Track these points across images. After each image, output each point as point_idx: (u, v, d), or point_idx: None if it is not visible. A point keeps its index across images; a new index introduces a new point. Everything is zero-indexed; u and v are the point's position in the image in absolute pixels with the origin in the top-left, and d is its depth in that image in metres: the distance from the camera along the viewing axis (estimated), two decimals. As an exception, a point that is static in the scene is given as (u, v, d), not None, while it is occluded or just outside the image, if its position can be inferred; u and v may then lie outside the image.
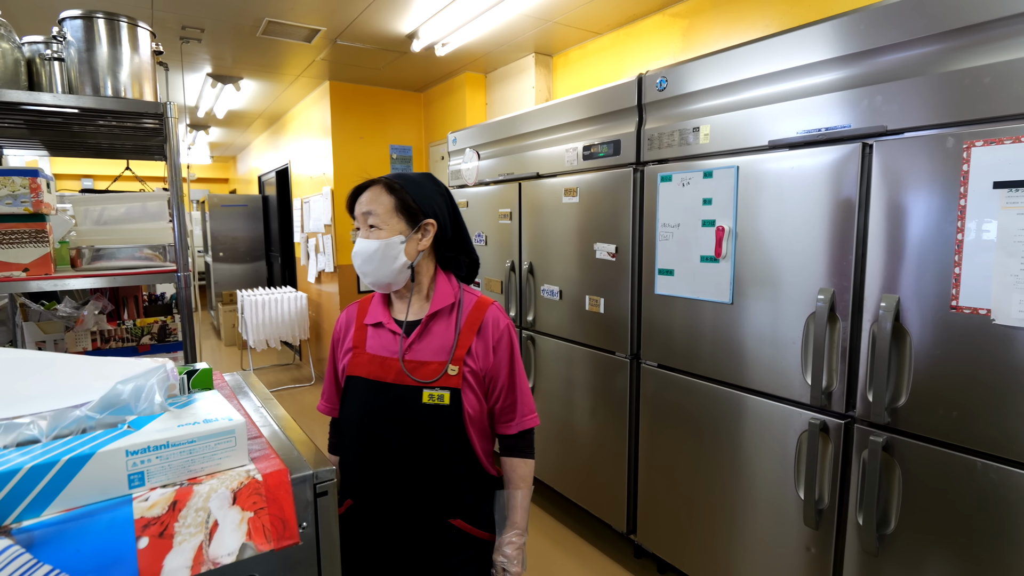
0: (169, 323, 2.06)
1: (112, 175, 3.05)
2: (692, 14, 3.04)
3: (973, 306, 1.34)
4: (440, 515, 1.22)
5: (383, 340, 1.25)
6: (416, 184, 1.25)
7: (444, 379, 1.19)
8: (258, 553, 0.62)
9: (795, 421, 1.74)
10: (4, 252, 1.45)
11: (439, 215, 1.26)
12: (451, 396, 1.18)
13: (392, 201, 1.22)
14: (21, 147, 2.25)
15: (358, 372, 1.24)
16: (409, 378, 1.19)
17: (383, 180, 1.24)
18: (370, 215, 1.22)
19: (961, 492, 1.39)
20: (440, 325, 1.24)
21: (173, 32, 3.58)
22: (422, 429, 1.19)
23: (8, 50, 1.48)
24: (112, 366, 0.81)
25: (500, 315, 1.28)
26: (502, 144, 3.09)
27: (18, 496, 0.53)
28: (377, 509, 1.23)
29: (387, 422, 1.20)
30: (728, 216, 1.88)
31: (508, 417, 1.29)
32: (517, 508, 1.27)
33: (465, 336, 1.22)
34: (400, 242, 1.21)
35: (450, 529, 1.22)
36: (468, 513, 1.24)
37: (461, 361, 1.20)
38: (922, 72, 1.43)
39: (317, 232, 5.22)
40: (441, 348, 1.22)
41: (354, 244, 1.27)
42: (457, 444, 1.21)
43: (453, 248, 1.33)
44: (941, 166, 1.37)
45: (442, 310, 1.25)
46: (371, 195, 1.23)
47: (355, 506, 1.26)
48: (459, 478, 1.23)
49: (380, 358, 1.23)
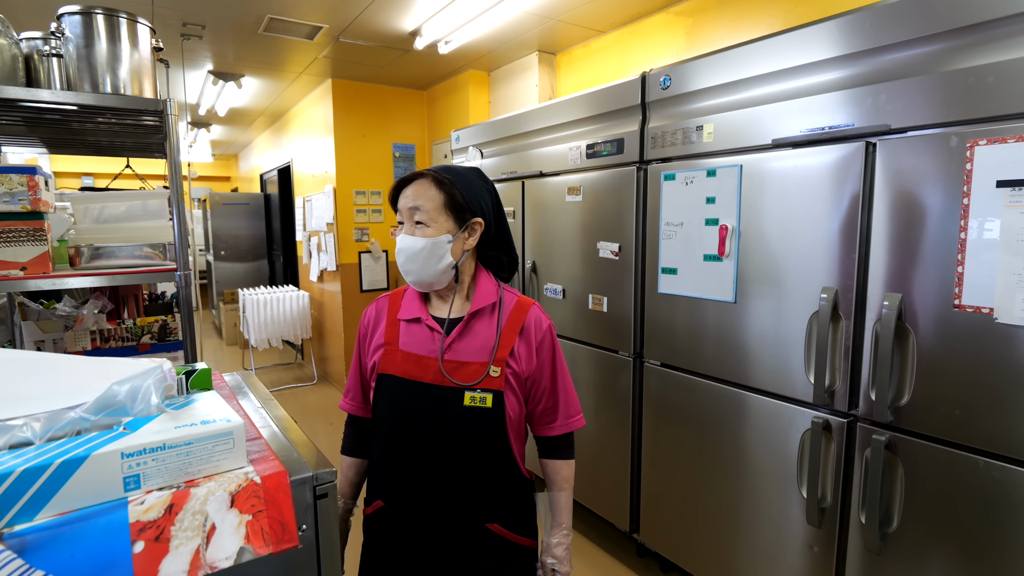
0: (170, 322, 2.06)
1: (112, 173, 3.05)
2: (696, 12, 3.02)
3: (976, 305, 1.33)
4: (477, 519, 1.18)
5: (419, 337, 1.20)
6: (465, 179, 1.20)
7: (487, 381, 1.15)
8: (256, 557, 0.61)
9: (798, 420, 1.73)
10: (1, 250, 1.44)
11: (485, 213, 1.21)
12: (494, 399, 1.14)
13: (441, 197, 1.16)
14: (20, 144, 2.24)
15: (391, 370, 1.19)
16: (448, 379, 1.14)
17: (431, 173, 1.18)
18: (417, 211, 1.16)
19: (964, 491, 1.39)
20: (481, 324, 1.20)
21: (174, 29, 3.57)
22: (462, 431, 1.15)
23: (6, 46, 1.47)
24: (110, 366, 0.80)
25: (542, 315, 1.25)
26: (505, 142, 3.08)
27: (10, 500, 0.52)
28: (410, 511, 1.19)
29: (423, 423, 1.16)
30: (731, 215, 1.87)
31: (550, 419, 1.25)
32: (563, 509, 1.25)
33: (507, 336, 1.18)
34: (447, 241, 1.16)
35: (487, 533, 1.19)
36: (505, 517, 1.21)
37: (503, 362, 1.16)
38: (926, 71, 1.42)
39: (319, 231, 5.21)
40: (482, 348, 1.17)
41: (396, 239, 1.21)
42: (497, 447, 1.17)
43: (495, 247, 1.28)
44: (944, 165, 1.36)
45: (483, 309, 1.21)
46: (419, 189, 1.17)
47: (386, 508, 1.22)
48: (497, 481, 1.19)
49: (416, 356, 1.18)
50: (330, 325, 5.29)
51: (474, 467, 1.16)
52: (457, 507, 1.17)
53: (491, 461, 1.18)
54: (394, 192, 1.21)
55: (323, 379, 5.48)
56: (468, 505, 1.17)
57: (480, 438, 1.16)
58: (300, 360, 6.26)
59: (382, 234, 5.05)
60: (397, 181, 1.21)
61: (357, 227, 4.90)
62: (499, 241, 1.28)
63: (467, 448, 1.16)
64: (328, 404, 4.76)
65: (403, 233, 1.18)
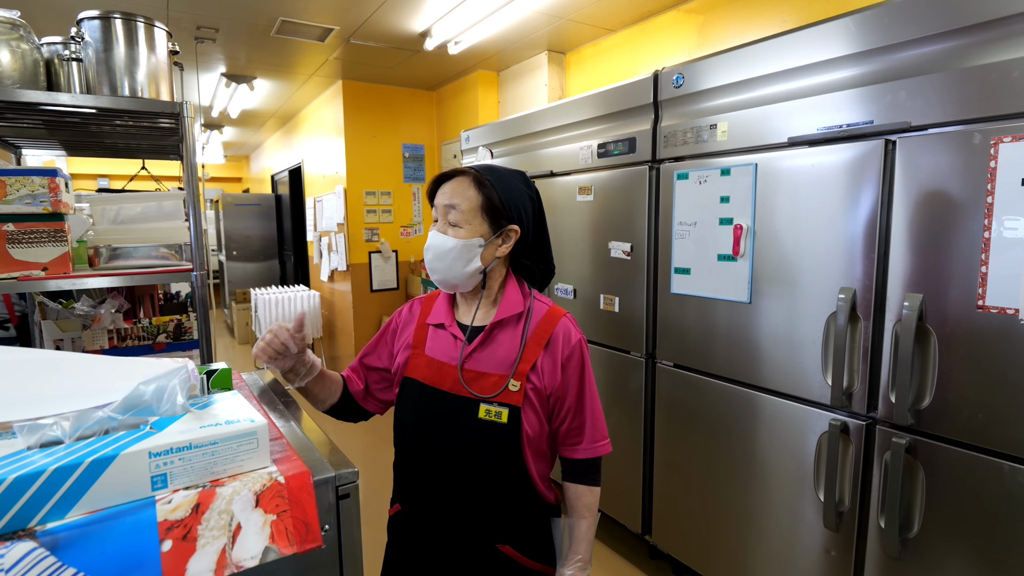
0: (184, 321, 2.07)
1: (127, 174, 3.08)
2: (707, 10, 3.01)
3: (1000, 306, 1.31)
4: (487, 539, 1.13)
5: (443, 344, 1.17)
6: (507, 182, 1.15)
7: (504, 395, 1.09)
8: (281, 556, 0.61)
9: (815, 422, 1.71)
10: (24, 251, 1.46)
11: (524, 220, 1.16)
12: (509, 414, 1.09)
13: (479, 198, 1.11)
14: (39, 147, 2.27)
15: (415, 374, 1.17)
16: (465, 389, 1.10)
17: (472, 171, 1.13)
18: (452, 209, 1.11)
19: (987, 495, 1.36)
20: (505, 334, 1.14)
21: (188, 32, 3.60)
22: (474, 445, 1.10)
23: (27, 51, 1.49)
24: (133, 366, 0.80)
25: (572, 328, 1.18)
26: (515, 142, 3.08)
27: (42, 498, 0.53)
28: (423, 520, 1.16)
29: (439, 432, 1.12)
30: (746, 214, 1.86)
31: (575, 440, 1.17)
32: (582, 539, 1.16)
33: (531, 349, 1.12)
34: (478, 245, 1.11)
35: (497, 555, 1.13)
36: (518, 540, 1.14)
37: (524, 376, 1.10)
38: (947, 67, 1.40)
39: (330, 231, 5.24)
40: (504, 360, 1.12)
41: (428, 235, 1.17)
42: (511, 466, 1.11)
43: (531, 255, 1.23)
44: (967, 163, 1.34)
45: (509, 318, 1.15)
46: (457, 187, 1.13)
47: (402, 513, 1.20)
48: (510, 502, 1.13)
49: (438, 363, 1.15)
50: (341, 324, 5.31)
51: (486, 484, 1.11)
52: (467, 523, 1.12)
53: (505, 480, 1.12)
54: (433, 186, 1.17)
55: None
56: (479, 523, 1.12)
57: (494, 455, 1.10)
58: (311, 360, 6.28)
59: (392, 234, 5.06)
60: (437, 176, 1.17)
61: (367, 227, 4.92)
62: (537, 250, 1.23)
63: (480, 463, 1.11)
64: (339, 404, 4.77)
65: (435, 230, 1.15)
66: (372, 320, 5.03)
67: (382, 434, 4.08)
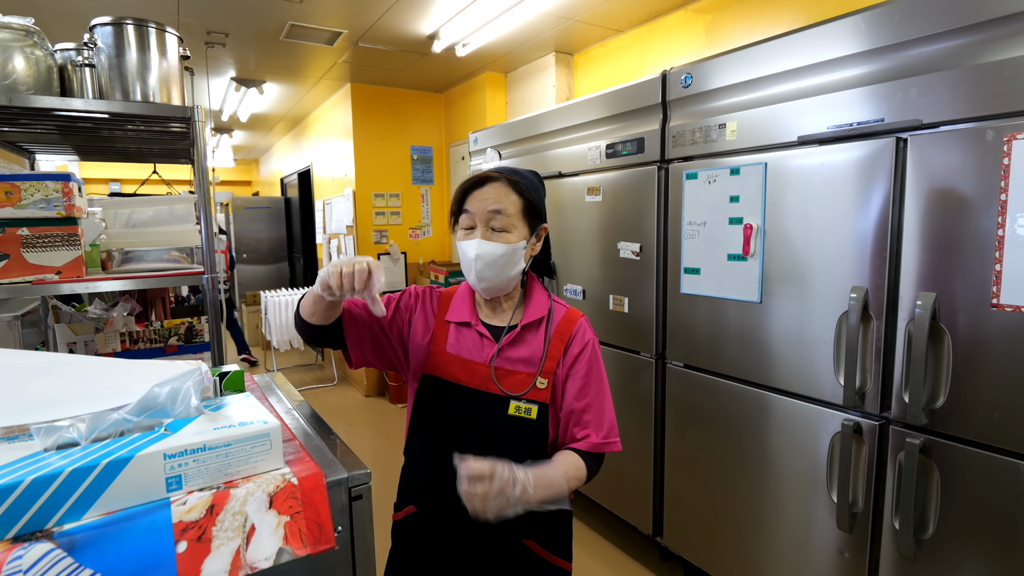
0: (195, 324, 2.09)
1: (138, 179, 3.11)
2: (715, 9, 2.99)
3: (1016, 304, 1.29)
4: (513, 534, 1.14)
5: (468, 342, 1.17)
6: (532, 183, 1.16)
7: (533, 392, 1.12)
8: (295, 558, 0.61)
9: (827, 422, 1.70)
10: (38, 255, 1.48)
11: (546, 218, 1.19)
12: (539, 411, 1.12)
13: (520, 201, 1.13)
14: (52, 152, 2.30)
15: (438, 373, 1.16)
16: (496, 386, 1.12)
17: (504, 176, 1.13)
18: (499, 215, 1.11)
19: (1003, 495, 1.35)
20: (530, 334, 1.17)
21: (198, 37, 3.63)
22: (503, 441, 1.12)
23: (41, 57, 1.51)
24: (147, 369, 0.81)
25: (588, 329, 1.21)
26: (523, 143, 3.08)
27: (59, 499, 0.53)
28: (445, 518, 1.15)
29: (467, 429, 1.13)
30: (756, 213, 1.85)
31: (583, 434, 1.17)
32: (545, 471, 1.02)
33: (555, 347, 1.15)
34: (523, 248, 1.13)
35: (521, 549, 1.15)
36: (542, 535, 1.17)
37: (551, 374, 1.13)
38: (958, 64, 1.39)
39: (339, 233, 5.26)
40: (530, 359, 1.15)
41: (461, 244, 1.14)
42: (538, 460, 1.12)
43: (543, 252, 1.25)
44: (980, 160, 1.33)
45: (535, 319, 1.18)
46: (498, 192, 1.12)
47: (418, 514, 1.19)
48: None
49: (463, 360, 1.15)
50: (350, 327, 5.32)
51: None
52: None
53: None
54: (463, 193, 1.15)
55: (343, 380, 5.52)
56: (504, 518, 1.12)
57: (522, 450, 1.12)
58: (320, 361, 6.32)
59: (401, 236, 5.08)
60: (467, 182, 1.15)
61: (376, 229, 4.94)
62: (546, 247, 1.25)
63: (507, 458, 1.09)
64: (348, 405, 4.79)
65: (479, 238, 1.12)
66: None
67: (392, 435, 4.09)
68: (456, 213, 1.17)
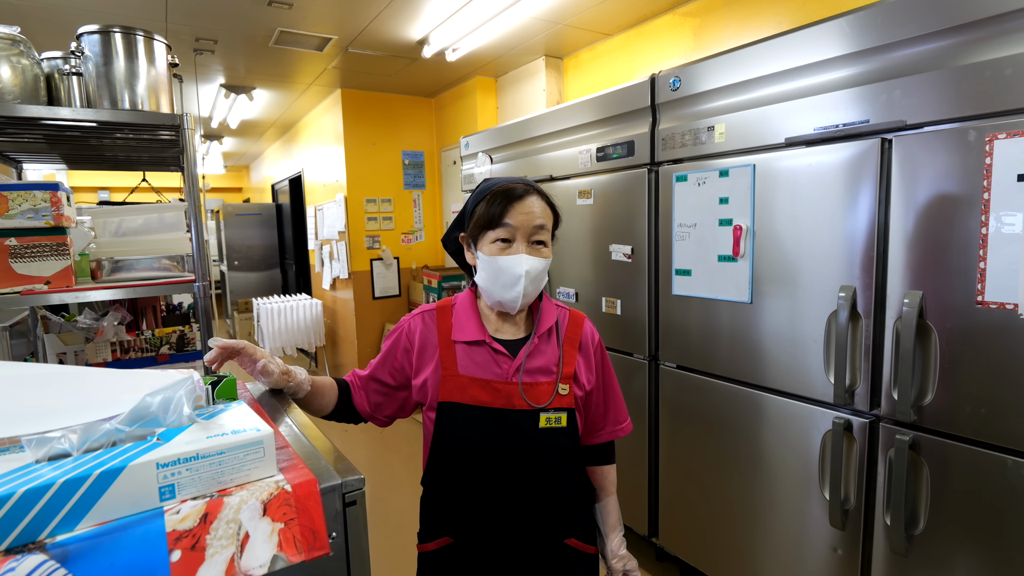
0: (187, 332, 2.08)
1: (127, 187, 3.09)
2: (703, 13, 3.02)
3: (1000, 301, 1.31)
4: (557, 536, 1.16)
5: (481, 360, 1.13)
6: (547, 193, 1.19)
7: (557, 400, 1.12)
8: (289, 564, 0.61)
9: (818, 420, 1.71)
10: (26, 265, 1.47)
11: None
12: (568, 417, 1.13)
13: (553, 217, 1.16)
14: (40, 161, 2.29)
15: (456, 398, 1.12)
16: (524, 401, 1.10)
17: (536, 190, 1.14)
18: (542, 230, 1.11)
19: (992, 490, 1.37)
20: (543, 343, 1.17)
21: (187, 44, 3.62)
22: (538, 455, 1.12)
23: (28, 66, 1.50)
24: (138, 378, 0.81)
25: (592, 328, 1.25)
26: (514, 147, 3.09)
27: (52, 511, 0.53)
28: (486, 544, 1.13)
29: (498, 450, 1.11)
30: (745, 215, 1.86)
31: (601, 426, 1.25)
32: (615, 511, 1.27)
33: (568, 352, 1.16)
34: (550, 262, 1.16)
35: (565, 549, 1.18)
36: (580, 530, 1.20)
37: (571, 379, 1.15)
38: (942, 65, 1.41)
39: (331, 239, 5.25)
40: (546, 367, 1.14)
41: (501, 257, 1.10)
42: (572, 463, 1.18)
43: None
44: (963, 160, 1.35)
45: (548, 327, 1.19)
46: (541, 207, 1.12)
47: (455, 544, 1.16)
48: (573, 496, 1.19)
49: (482, 381, 1.11)
50: (343, 333, 5.31)
51: (552, 487, 1.14)
52: (539, 528, 1.14)
53: (568, 478, 1.18)
54: (504, 205, 1.09)
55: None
56: (549, 524, 1.15)
57: (557, 457, 1.14)
58: (314, 368, 6.29)
59: (393, 241, 5.07)
60: (504, 193, 1.10)
61: (368, 235, 4.93)
62: None
63: (544, 469, 1.13)
64: (343, 412, 4.77)
65: (520, 253, 1.09)
66: (375, 327, 5.03)
67: (387, 441, 4.08)
68: (487, 226, 1.10)
